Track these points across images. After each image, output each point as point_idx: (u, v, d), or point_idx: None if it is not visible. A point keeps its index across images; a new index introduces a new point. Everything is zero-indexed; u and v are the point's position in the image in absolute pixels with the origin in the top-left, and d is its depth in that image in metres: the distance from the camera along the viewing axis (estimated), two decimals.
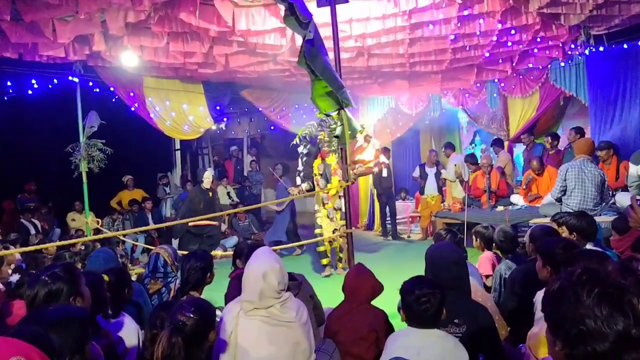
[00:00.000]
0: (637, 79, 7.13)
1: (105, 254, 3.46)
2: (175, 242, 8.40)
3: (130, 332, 2.61)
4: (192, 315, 2.07)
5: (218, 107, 9.24)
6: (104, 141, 7.27)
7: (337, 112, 4.14)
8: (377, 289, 3.16)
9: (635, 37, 7.15)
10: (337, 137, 4.15)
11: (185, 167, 12.28)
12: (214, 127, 10.97)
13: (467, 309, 2.68)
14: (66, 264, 2.30)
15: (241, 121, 12.67)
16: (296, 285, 3.42)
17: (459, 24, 6.35)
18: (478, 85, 9.58)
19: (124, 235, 7.99)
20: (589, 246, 3.73)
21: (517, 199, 7.55)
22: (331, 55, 4.35)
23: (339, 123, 4.11)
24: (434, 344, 2.33)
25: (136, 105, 8.35)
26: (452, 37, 6.77)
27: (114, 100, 8.45)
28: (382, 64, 7.89)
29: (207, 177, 8.30)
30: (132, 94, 8.26)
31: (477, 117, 10.72)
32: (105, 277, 2.62)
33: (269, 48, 6.75)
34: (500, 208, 7.66)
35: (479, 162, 8.66)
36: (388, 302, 3.87)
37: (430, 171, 9.72)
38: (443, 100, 10.57)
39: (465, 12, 6.04)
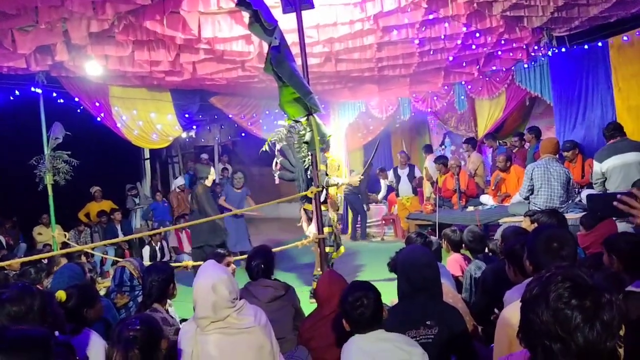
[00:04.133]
0: (598, 79, 7.34)
1: (71, 270, 3.36)
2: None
3: (96, 349, 2.54)
4: (139, 327, 2.08)
5: (187, 115, 9.13)
6: (69, 152, 7.08)
7: (306, 118, 4.13)
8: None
9: (595, 38, 7.37)
10: (306, 143, 4.14)
11: (155, 176, 12.08)
12: (183, 135, 10.86)
13: (439, 311, 2.70)
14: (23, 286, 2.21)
15: (211, 128, 12.54)
16: (284, 287, 3.45)
17: (424, 28, 6.43)
18: (446, 87, 9.72)
19: (93, 249, 7.80)
20: None
21: (487, 199, 7.66)
22: (299, 61, 4.34)
23: (308, 129, 4.10)
24: (388, 349, 2.34)
25: (102, 115, 8.18)
26: (417, 41, 6.84)
27: (79, 110, 8.26)
28: (350, 69, 7.92)
29: (214, 174, 7.65)
30: (97, 103, 8.09)
31: (445, 119, 10.89)
32: (63, 295, 2.54)
33: (236, 55, 6.70)
34: (470, 208, 7.76)
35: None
36: None
37: (403, 173, 9.78)
38: (412, 103, 10.68)
39: (431, 16, 6.11)
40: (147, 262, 7.82)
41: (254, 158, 12.47)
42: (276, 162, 6.50)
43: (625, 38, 6.99)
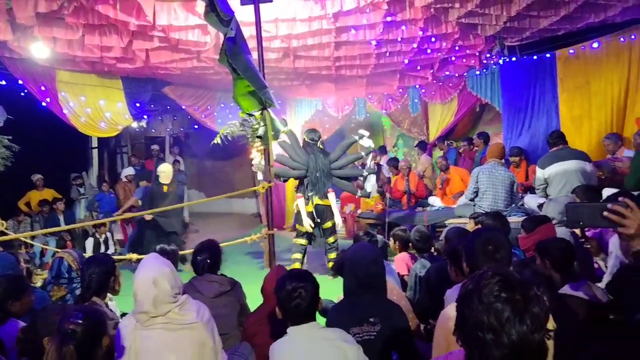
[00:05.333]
0: (544, 89, 7.65)
1: (3, 259, 3.19)
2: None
3: None
4: (81, 322, 1.97)
5: (138, 104, 8.87)
6: (10, 137, 6.74)
7: (260, 112, 4.09)
8: None
9: (544, 49, 7.67)
10: (260, 137, 4.10)
11: (103, 166, 11.67)
12: (134, 125, 10.53)
13: (383, 309, 2.72)
14: None
15: (164, 119, 12.23)
16: (230, 282, 3.40)
17: (382, 30, 6.50)
18: (400, 90, 9.87)
19: (33, 238, 7.46)
20: None
21: (434, 200, 7.83)
22: (255, 55, 4.30)
23: (262, 123, 4.07)
24: (323, 347, 2.32)
25: (48, 100, 7.83)
26: (374, 42, 6.91)
27: (22, 94, 7.88)
28: (308, 66, 7.92)
29: (163, 170, 7.63)
30: (43, 87, 7.74)
31: (399, 121, 11.06)
32: None
33: (191, 44, 6.57)
34: (419, 209, 7.92)
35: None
36: None
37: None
38: (368, 104, 10.79)
39: (389, 19, 6.19)
40: (90, 254, 7.56)
41: (207, 151, 12.30)
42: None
43: (571, 51, 7.31)
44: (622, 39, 6.76)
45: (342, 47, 7.23)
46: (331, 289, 4.30)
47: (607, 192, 4.50)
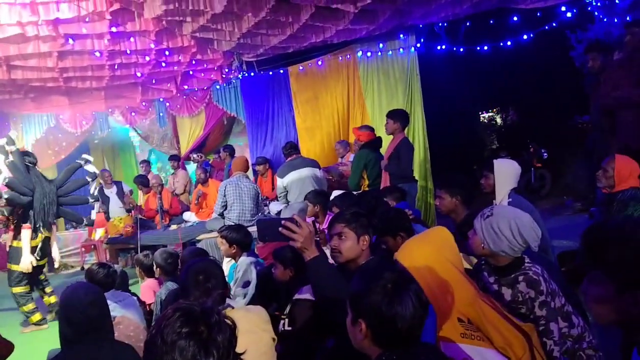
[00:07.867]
0: (282, 102, 8.22)
1: None
2: None
3: None
4: None
5: None
6: None
7: None
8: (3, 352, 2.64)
9: (278, 65, 8.22)
10: None
11: None
12: None
13: (110, 353, 2.46)
14: None
15: None
16: None
17: (107, 41, 6.07)
18: (144, 104, 9.45)
19: None
20: (244, 256, 4.04)
21: (189, 216, 7.66)
22: None
23: None
24: None
25: None
26: (98, 54, 6.41)
27: None
28: (29, 77, 6.94)
29: None
30: None
31: (148, 135, 10.60)
32: None
33: None
34: (173, 227, 7.61)
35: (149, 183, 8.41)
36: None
37: (111, 192, 8.92)
38: (110, 118, 10.04)
39: (114, 29, 5.79)
40: None
41: None
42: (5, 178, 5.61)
43: (301, 68, 8.00)
44: (340, 58, 7.69)
45: (69, 57, 6.53)
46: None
47: (335, 193, 4.98)
